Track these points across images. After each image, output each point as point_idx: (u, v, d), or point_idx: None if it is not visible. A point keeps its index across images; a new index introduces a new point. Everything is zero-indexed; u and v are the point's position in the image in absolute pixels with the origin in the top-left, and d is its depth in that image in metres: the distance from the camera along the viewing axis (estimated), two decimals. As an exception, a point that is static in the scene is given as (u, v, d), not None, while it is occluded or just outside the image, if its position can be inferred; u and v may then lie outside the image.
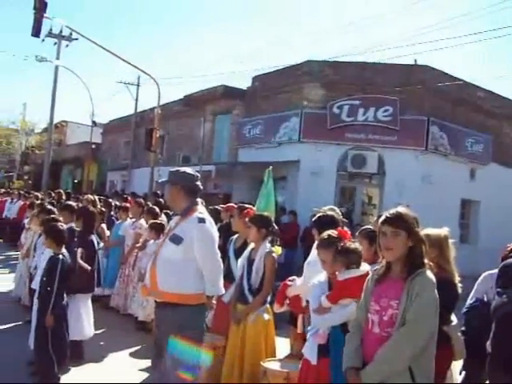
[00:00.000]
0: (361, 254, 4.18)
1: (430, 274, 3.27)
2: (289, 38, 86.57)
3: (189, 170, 4.75)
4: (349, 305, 3.97)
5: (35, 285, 6.09)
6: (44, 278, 5.67)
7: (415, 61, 17.19)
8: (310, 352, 4.14)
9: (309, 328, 4.29)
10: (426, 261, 3.32)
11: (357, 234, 5.01)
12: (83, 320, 6.72)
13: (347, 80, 16.91)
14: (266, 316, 5.48)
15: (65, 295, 5.78)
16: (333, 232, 4.36)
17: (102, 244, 9.48)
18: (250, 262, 5.59)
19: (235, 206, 7.44)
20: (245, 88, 20.41)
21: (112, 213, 11.33)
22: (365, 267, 4.11)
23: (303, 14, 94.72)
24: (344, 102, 16.52)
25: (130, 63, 20.39)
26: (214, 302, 4.76)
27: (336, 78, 17.07)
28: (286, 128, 17.44)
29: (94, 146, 34.38)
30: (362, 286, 3.57)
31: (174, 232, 4.49)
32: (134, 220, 9.53)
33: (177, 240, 4.41)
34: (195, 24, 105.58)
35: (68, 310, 5.95)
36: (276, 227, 6.02)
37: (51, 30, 26.78)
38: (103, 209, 10.20)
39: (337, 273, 4.13)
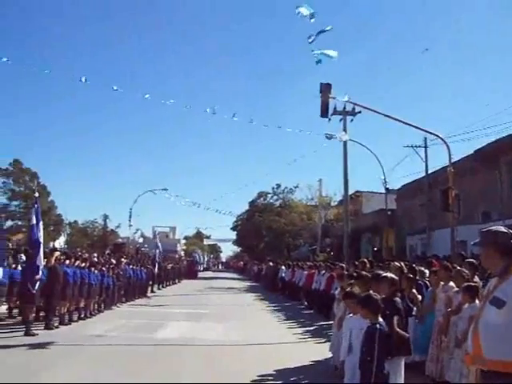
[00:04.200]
0: None
1: None
2: None
3: (501, 228, 4.53)
4: None
5: (343, 355, 6.29)
6: (364, 348, 5.82)
7: None
8: None
9: None
10: None
11: None
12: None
13: None
14: None
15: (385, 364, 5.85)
16: None
17: (415, 309, 9.48)
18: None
19: None
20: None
21: (417, 277, 11.25)
22: None
23: None
24: None
25: (414, 126, 20.41)
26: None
27: None
28: None
29: (389, 213, 34.80)
30: None
31: (494, 294, 4.28)
32: (443, 284, 9.37)
33: (498, 303, 4.18)
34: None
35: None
36: None
37: (335, 107, 28.36)
38: (410, 275, 10.20)
39: None
